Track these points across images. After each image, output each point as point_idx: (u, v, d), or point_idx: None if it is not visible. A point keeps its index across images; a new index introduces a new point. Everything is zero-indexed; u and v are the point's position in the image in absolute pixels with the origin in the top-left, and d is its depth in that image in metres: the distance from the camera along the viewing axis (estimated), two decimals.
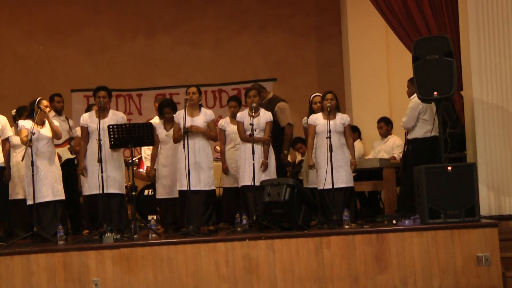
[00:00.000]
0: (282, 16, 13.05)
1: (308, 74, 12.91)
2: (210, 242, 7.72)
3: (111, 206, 8.39)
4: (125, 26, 13.13)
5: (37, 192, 8.43)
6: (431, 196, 7.76)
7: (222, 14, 13.12)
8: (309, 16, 13.09)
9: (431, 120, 8.78)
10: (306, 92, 12.19)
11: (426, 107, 8.81)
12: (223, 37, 13.10)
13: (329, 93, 8.81)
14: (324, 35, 12.97)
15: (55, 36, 13.03)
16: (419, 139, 8.85)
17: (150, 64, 13.04)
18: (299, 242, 7.70)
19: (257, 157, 8.60)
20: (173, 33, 13.14)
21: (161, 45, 13.13)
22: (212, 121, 8.80)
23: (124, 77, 12.86)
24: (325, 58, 12.92)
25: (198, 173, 8.51)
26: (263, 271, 7.63)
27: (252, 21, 13.10)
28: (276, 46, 13.03)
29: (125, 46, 13.11)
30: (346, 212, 8.13)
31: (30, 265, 7.52)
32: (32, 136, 8.39)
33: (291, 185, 8.21)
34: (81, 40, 13.04)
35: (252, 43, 13.08)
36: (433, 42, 8.24)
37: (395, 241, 7.64)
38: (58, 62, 12.93)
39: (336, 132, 8.58)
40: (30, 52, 12.95)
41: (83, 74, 12.80)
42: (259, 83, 9.68)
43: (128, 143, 8.40)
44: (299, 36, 13.01)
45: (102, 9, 13.10)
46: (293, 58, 12.98)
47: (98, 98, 8.58)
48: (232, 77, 12.81)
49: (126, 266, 7.57)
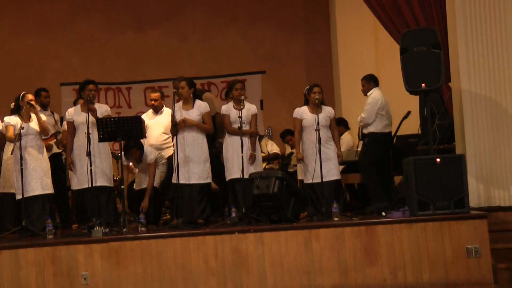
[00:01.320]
0: (270, 9, 13.03)
1: (296, 67, 12.90)
2: (199, 235, 7.72)
3: (100, 199, 8.37)
4: (114, 19, 13.09)
5: (26, 186, 8.41)
6: (420, 188, 7.77)
7: (211, 8, 13.09)
8: (297, 9, 13.08)
9: (387, 116, 9.08)
10: (294, 85, 12.26)
11: (384, 103, 9.07)
12: (212, 31, 13.07)
13: (316, 86, 8.80)
14: (313, 28, 12.95)
15: (44, 30, 12.98)
16: (377, 133, 9.04)
17: (139, 58, 13.00)
18: (288, 234, 7.70)
19: (245, 150, 8.59)
20: (162, 26, 13.11)
21: (150, 39, 13.09)
22: (207, 113, 8.75)
23: (113, 70, 12.82)
24: (314, 50, 12.90)
25: (191, 166, 8.49)
26: (252, 264, 7.63)
27: (241, 14, 13.08)
28: (264, 39, 13.01)
29: (114, 39, 13.06)
30: (335, 204, 8.12)
31: (19, 259, 7.51)
32: (22, 131, 8.39)
33: (280, 178, 8.21)
34: (70, 34, 13.00)
35: (240, 36, 13.06)
36: (421, 34, 8.24)
37: (385, 233, 7.65)
38: (47, 56, 12.89)
39: (323, 125, 8.59)
40: (19, 46, 12.89)
41: (73, 68, 12.76)
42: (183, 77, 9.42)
43: (117, 137, 8.38)
44: (287, 29, 12.99)
45: (91, 3, 13.06)
46: (282, 51, 12.96)
47: (89, 91, 8.53)
48: (221, 70, 12.78)
49: (115, 259, 7.56)
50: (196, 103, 8.76)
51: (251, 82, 9.29)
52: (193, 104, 8.73)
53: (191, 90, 8.74)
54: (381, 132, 9.10)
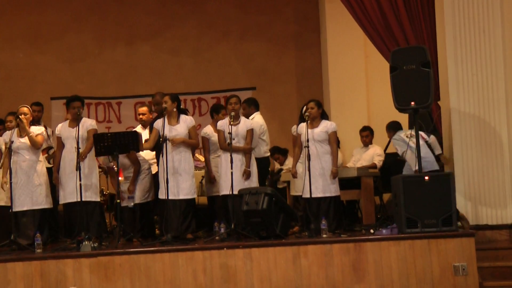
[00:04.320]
0: (261, 25, 13.09)
1: (287, 82, 12.95)
2: (188, 251, 7.73)
3: (88, 214, 8.36)
4: (106, 33, 13.11)
5: (15, 200, 8.42)
6: (408, 206, 7.81)
7: (202, 22, 13.13)
8: (288, 24, 13.14)
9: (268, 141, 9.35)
10: (285, 101, 12.31)
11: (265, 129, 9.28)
12: (203, 45, 13.12)
13: (311, 101, 8.81)
14: (304, 43, 13.01)
15: (35, 43, 12.98)
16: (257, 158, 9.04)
17: (130, 72, 13.02)
18: (276, 251, 7.71)
19: (238, 166, 8.60)
20: (153, 41, 13.14)
21: (141, 53, 13.11)
22: (193, 127, 8.75)
23: (104, 85, 12.83)
24: (305, 66, 12.96)
25: (178, 182, 8.50)
26: (240, 280, 7.63)
27: (232, 29, 13.13)
28: (255, 54, 13.06)
29: (105, 53, 13.08)
30: (323, 221, 8.13)
31: (7, 273, 7.49)
32: (12, 145, 8.41)
33: (269, 194, 8.22)
34: (61, 48, 13.01)
35: (232, 51, 13.10)
36: (411, 52, 8.30)
37: (373, 250, 7.68)
38: (38, 70, 12.88)
39: (319, 141, 8.58)
40: (10, 58, 12.89)
41: (63, 82, 12.75)
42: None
43: (113, 151, 8.42)
44: (278, 45, 13.05)
45: (82, 16, 13.07)
46: (273, 66, 13.01)
47: (73, 108, 8.57)
48: (212, 85, 12.81)
49: (103, 274, 7.55)
50: (182, 117, 8.74)
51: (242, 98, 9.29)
52: (178, 118, 8.73)
53: (174, 105, 8.67)
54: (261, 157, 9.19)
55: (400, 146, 9.22)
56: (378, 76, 11.06)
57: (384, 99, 9.48)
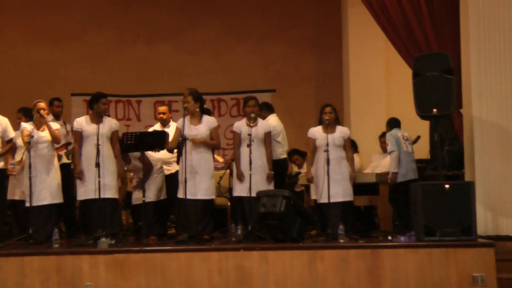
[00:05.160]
0: (282, 28, 13.10)
1: (306, 86, 12.94)
2: (204, 251, 7.70)
3: (106, 210, 8.36)
4: (126, 32, 13.16)
5: (35, 195, 8.45)
6: (427, 213, 7.74)
7: (223, 24, 13.15)
8: (309, 28, 13.14)
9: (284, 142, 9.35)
10: (304, 104, 12.29)
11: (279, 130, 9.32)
12: (223, 47, 13.13)
13: (327, 106, 8.79)
14: (324, 47, 13.00)
15: (57, 40, 13.06)
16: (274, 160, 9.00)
17: (150, 71, 13.06)
18: (293, 254, 7.67)
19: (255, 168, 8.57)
20: (173, 41, 13.18)
21: (161, 53, 13.15)
22: (214, 129, 8.70)
23: (123, 83, 12.88)
24: (324, 70, 12.94)
25: (196, 182, 8.49)
26: (256, 282, 7.59)
27: (253, 32, 13.14)
28: (275, 57, 13.06)
29: (126, 52, 13.13)
30: (341, 226, 8.09)
31: (24, 267, 7.48)
32: (31, 139, 8.44)
33: (287, 197, 8.19)
34: (82, 45, 13.08)
35: (251, 53, 13.11)
36: (433, 58, 8.24)
37: (390, 257, 7.61)
38: (59, 66, 12.96)
39: (335, 145, 8.56)
40: (32, 55, 12.97)
41: (83, 79, 12.81)
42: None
43: (140, 149, 8.55)
44: (298, 48, 13.05)
45: (104, 15, 13.13)
46: (292, 70, 13.00)
47: (103, 104, 8.57)
48: (231, 87, 12.83)
49: (119, 271, 7.54)
50: (204, 118, 8.73)
51: (261, 100, 9.25)
52: (201, 119, 8.72)
53: (197, 105, 8.66)
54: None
55: (392, 143, 9.22)
56: (398, 82, 11.00)
57: (404, 105, 9.45)
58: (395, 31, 9.33)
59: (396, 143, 9.31)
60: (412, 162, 9.42)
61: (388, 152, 9.34)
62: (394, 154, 9.26)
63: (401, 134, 9.43)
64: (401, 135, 9.42)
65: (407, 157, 9.36)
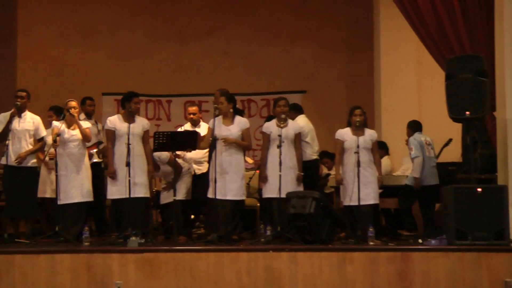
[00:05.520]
0: (313, 28, 13.06)
1: (337, 87, 12.89)
2: (233, 252, 7.70)
3: (137, 210, 8.39)
4: (157, 32, 13.22)
5: (65, 193, 8.53)
6: (459, 217, 7.67)
7: (254, 24, 13.15)
8: (340, 29, 13.09)
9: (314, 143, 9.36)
10: (334, 106, 12.24)
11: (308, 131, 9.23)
12: (254, 47, 13.13)
13: (357, 108, 8.77)
14: (355, 48, 12.94)
15: (88, 40, 13.16)
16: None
17: (180, 71, 13.10)
18: (322, 256, 7.63)
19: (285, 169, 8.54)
20: (204, 41, 13.21)
21: (191, 53, 13.19)
22: (246, 130, 8.71)
23: (154, 82, 12.92)
24: (355, 72, 12.89)
25: (227, 182, 8.48)
26: (284, 284, 7.57)
27: (283, 32, 13.12)
28: (306, 58, 13.04)
29: (157, 52, 13.19)
30: (371, 228, 8.06)
31: (55, 264, 7.54)
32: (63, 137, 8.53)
33: (317, 198, 8.17)
34: (113, 45, 13.16)
35: (282, 54, 13.09)
36: (467, 60, 8.17)
37: (420, 260, 7.54)
38: (90, 66, 13.05)
39: (364, 148, 8.54)
40: (64, 54, 13.08)
41: (114, 78, 12.88)
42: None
43: (171, 148, 8.59)
44: (329, 49, 13.00)
45: (135, 15, 13.20)
46: (323, 70, 12.96)
47: (134, 104, 8.61)
48: (261, 87, 12.82)
49: (148, 270, 7.56)
50: (236, 118, 8.74)
51: (291, 101, 9.24)
52: (233, 119, 8.72)
53: (230, 106, 8.70)
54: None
55: (416, 148, 9.14)
56: (430, 84, 10.89)
57: (436, 107, 9.35)
58: (427, 32, 9.24)
59: (420, 148, 9.26)
60: (433, 168, 9.38)
61: (412, 157, 9.26)
62: (419, 159, 9.20)
63: (424, 139, 9.38)
64: (424, 139, 9.36)
65: (429, 162, 9.32)
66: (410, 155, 9.33)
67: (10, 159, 8.70)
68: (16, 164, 8.74)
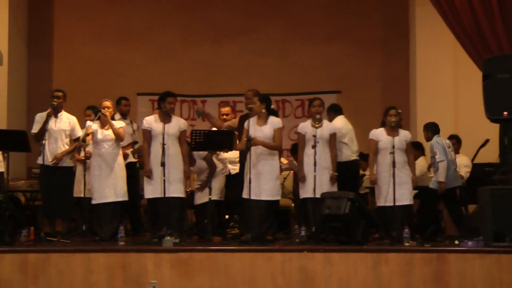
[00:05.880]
0: (348, 28, 13.00)
1: (372, 87, 12.82)
2: (267, 252, 7.69)
3: (172, 209, 8.41)
4: (192, 32, 13.26)
5: (99, 193, 8.61)
6: (496, 219, 7.58)
7: (288, 25, 13.13)
8: (376, 29, 13.01)
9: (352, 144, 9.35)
10: (369, 106, 12.16)
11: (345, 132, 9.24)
12: (288, 47, 13.11)
13: (392, 108, 8.73)
14: (391, 48, 12.86)
15: (123, 40, 13.24)
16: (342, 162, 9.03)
17: (214, 71, 13.13)
18: (357, 257, 7.60)
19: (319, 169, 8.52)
20: (238, 41, 13.21)
21: (226, 53, 13.21)
22: (278, 129, 8.65)
23: (189, 82, 12.97)
24: (391, 72, 12.81)
25: (261, 182, 8.48)
26: (319, 285, 7.54)
27: (318, 32, 13.08)
28: (341, 58, 12.98)
29: (191, 52, 13.23)
30: (406, 229, 8.00)
31: (90, 263, 7.60)
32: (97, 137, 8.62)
33: (351, 199, 8.13)
34: (148, 45, 13.23)
35: (317, 54, 13.05)
36: (505, 60, 8.10)
37: (456, 262, 7.47)
38: (125, 66, 13.13)
39: (399, 148, 8.49)
40: (99, 54, 13.18)
41: (149, 79, 12.96)
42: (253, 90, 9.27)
43: (208, 148, 8.60)
44: (364, 49, 12.93)
45: (170, 15, 13.26)
46: (358, 71, 12.89)
47: (169, 104, 8.63)
48: (296, 87, 12.80)
49: (183, 270, 7.58)
50: (269, 119, 8.72)
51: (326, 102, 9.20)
52: (267, 120, 8.70)
53: (262, 106, 8.67)
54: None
55: (441, 152, 9.06)
56: (467, 84, 10.79)
57: (473, 108, 9.26)
58: (464, 32, 9.16)
59: (443, 151, 9.17)
60: (455, 170, 9.31)
61: (438, 161, 9.14)
62: (444, 163, 9.09)
63: (445, 141, 9.29)
64: (445, 142, 9.28)
65: (452, 165, 9.25)
66: (435, 159, 9.20)
67: (46, 159, 8.79)
68: (52, 165, 8.81)
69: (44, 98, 10.62)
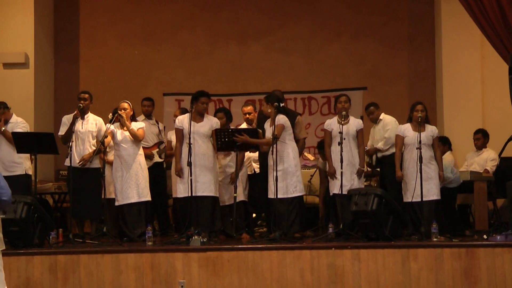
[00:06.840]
0: (374, 25, 12.93)
1: (399, 84, 12.73)
2: (296, 249, 7.71)
3: (201, 209, 8.40)
4: (218, 32, 13.27)
5: (122, 193, 8.64)
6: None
7: (314, 22, 13.10)
8: (402, 25, 12.93)
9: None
10: (396, 103, 12.09)
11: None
12: (314, 45, 13.07)
13: (419, 104, 8.70)
14: (417, 45, 12.77)
15: (150, 41, 13.28)
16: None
17: (241, 71, 13.13)
18: (385, 253, 7.61)
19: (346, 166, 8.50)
20: (265, 40, 13.20)
21: (252, 52, 13.20)
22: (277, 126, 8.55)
23: (215, 82, 12.97)
24: (417, 68, 12.72)
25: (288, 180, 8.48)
26: (348, 281, 7.56)
27: (344, 29, 13.03)
28: (367, 55, 12.91)
29: (217, 52, 13.24)
30: (434, 224, 7.97)
31: (119, 263, 7.68)
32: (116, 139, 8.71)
33: (379, 195, 8.12)
34: (174, 45, 13.25)
35: (343, 51, 13.00)
36: None
37: (486, 256, 7.46)
38: (152, 66, 13.18)
39: (425, 144, 8.46)
40: (126, 55, 13.23)
41: (176, 79, 12.99)
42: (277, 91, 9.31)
43: (233, 147, 8.59)
44: (391, 46, 12.85)
45: (195, 15, 13.28)
46: (385, 67, 12.82)
47: (201, 103, 8.64)
48: (322, 85, 12.75)
49: (212, 269, 7.63)
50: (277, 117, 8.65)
51: (352, 98, 9.18)
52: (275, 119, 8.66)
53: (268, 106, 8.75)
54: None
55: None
56: (494, 78, 10.71)
57: (501, 102, 9.20)
58: (491, 26, 9.07)
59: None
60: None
61: None
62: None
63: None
64: None
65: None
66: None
67: (74, 161, 8.84)
68: (79, 166, 8.89)
69: (71, 100, 10.68)
